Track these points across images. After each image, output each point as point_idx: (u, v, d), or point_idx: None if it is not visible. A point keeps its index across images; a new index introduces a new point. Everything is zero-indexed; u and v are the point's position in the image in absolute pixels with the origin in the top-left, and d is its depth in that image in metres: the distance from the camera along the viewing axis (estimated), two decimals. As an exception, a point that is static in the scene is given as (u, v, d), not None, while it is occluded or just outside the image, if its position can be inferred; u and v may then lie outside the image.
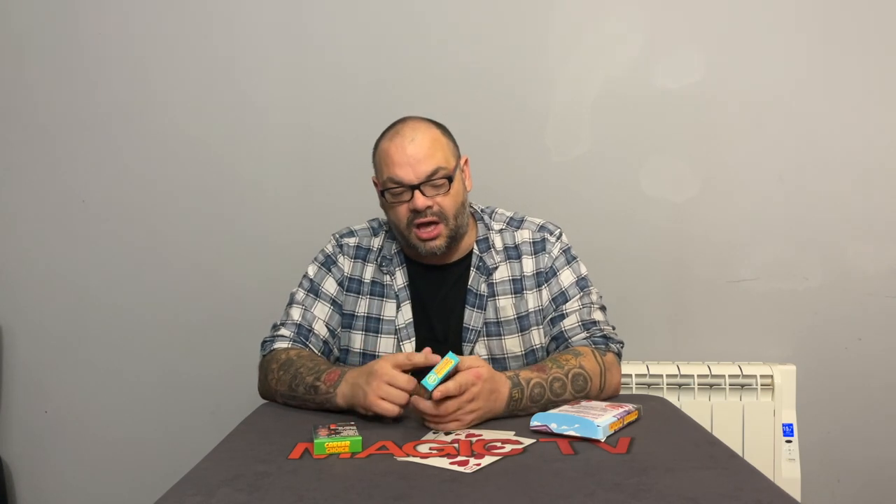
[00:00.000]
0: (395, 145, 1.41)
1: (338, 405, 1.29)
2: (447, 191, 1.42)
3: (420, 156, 1.39)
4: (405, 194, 1.41)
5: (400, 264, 1.52)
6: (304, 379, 1.34)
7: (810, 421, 2.04)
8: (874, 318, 2.08)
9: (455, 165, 1.45)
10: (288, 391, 1.37)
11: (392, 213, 1.45)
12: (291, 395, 1.37)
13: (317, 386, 1.32)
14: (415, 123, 1.44)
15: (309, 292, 1.53)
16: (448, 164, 1.42)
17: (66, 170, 2.14)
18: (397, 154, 1.40)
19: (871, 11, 2.04)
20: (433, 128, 1.45)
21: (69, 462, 2.18)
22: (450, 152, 1.45)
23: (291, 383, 1.36)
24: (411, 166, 1.39)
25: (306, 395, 1.34)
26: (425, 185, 1.40)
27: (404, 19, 2.09)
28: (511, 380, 1.26)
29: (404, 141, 1.41)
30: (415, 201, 1.39)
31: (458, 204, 1.44)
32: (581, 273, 1.52)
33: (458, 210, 1.44)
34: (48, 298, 2.16)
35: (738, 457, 1.08)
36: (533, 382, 1.28)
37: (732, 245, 2.09)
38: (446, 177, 1.41)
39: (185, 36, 2.11)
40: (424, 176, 1.39)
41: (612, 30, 2.08)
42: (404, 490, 0.94)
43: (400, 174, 1.40)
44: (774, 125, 2.07)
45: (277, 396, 1.41)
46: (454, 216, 1.43)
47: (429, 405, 1.18)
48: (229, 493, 0.94)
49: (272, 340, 1.48)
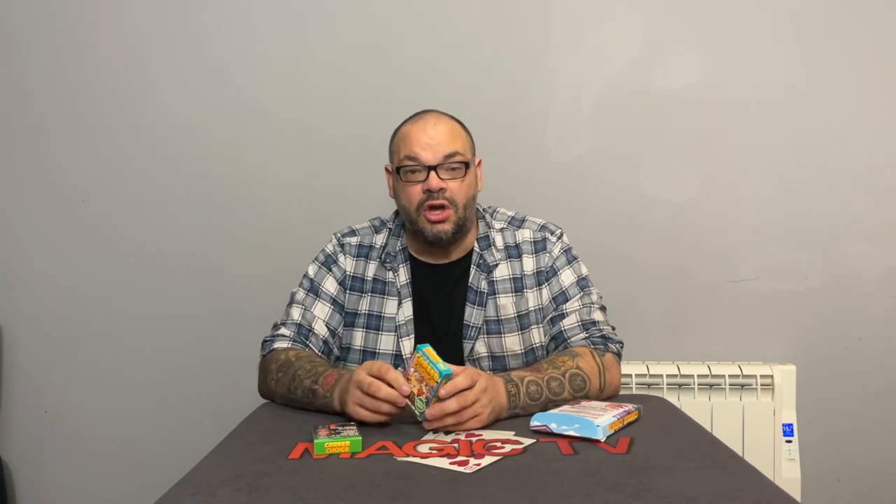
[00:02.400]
0: (417, 127, 1.46)
1: (336, 409, 1.29)
2: (462, 177, 1.44)
3: (441, 138, 1.44)
4: (420, 174, 1.43)
5: (403, 261, 1.52)
6: (301, 382, 1.34)
7: (810, 421, 2.04)
8: (874, 318, 2.07)
9: (471, 158, 1.49)
10: (286, 393, 1.37)
11: (404, 195, 1.46)
12: (290, 398, 1.37)
13: (314, 390, 1.32)
14: (438, 114, 1.50)
15: (309, 292, 1.53)
16: (466, 153, 1.47)
17: (66, 170, 2.14)
18: (419, 134, 1.44)
19: (871, 11, 2.04)
20: (455, 122, 1.51)
21: (69, 462, 2.18)
22: (468, 145, 1.50)
23: (290, 385, 1.36)
24: (431, 147, 1.43)
25: (304, 398, 1.34)
26: (442, 167, 1.43)
27: (404, 19, 2.09)
28: (503, 377, 1.28)
29: (427, 125, 1.46)
30: (429, 181, 1.42)
31: (469, 195, 1.47)
32: (582, 273, 1.52)
33: (468, 201, 1.47)
34: (48, 298, 2.16)
35: (737, 457, 1.08)
36: (527, 380, 1.29)
37: (732, 245, 2.09)
38: (463, 162, 1.44)
39: (185, 35, 2.11)
40: (442, 157, 1.43)
41: (612, 30, 2.08)
42: (404, 490, 0.94)
43: (419, 152, 1.43)
44: (774, 125, 2.07)
45: (276, 397, 1.41)
46: (464, 205, 1.45)
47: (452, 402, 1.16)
48: (229, 493, 0.94)
49: (272, 340, 1.48)
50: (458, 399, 1.17)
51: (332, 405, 1.29)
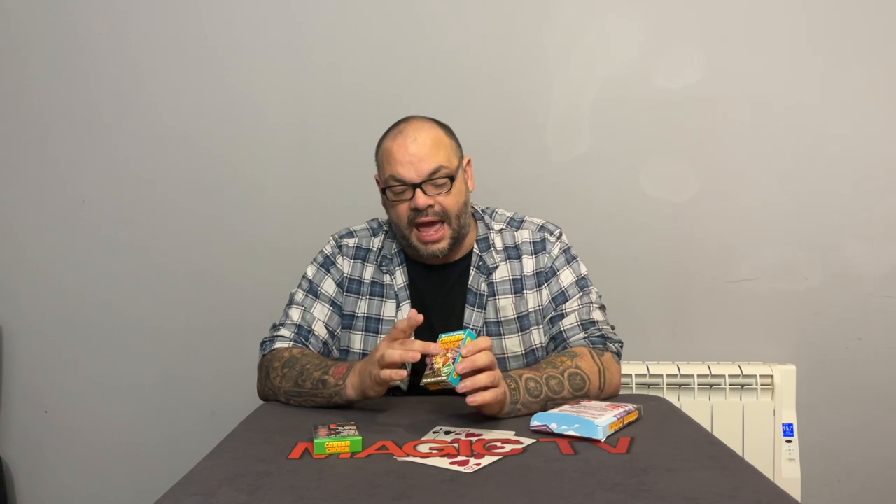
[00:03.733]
0: (397, 144, 1.42)
1: (347, 397, 1.30)
2: (449, 190, 1.42)
3: (422, 154, 1.40)
4: (406, 192, 1.41)
5: (400, 264, 1.52)
6: (311, 374, 1.34)
7: (810, 421, 2.04)
8: (874, 318, 2.08)
9: (457, 165, 1.45)
10: (293, 387, 1.37)
11: (393, 212, 1.45)
12: (297, 392, 1.36)
13: (325, 380, 1.32)
14: (418, 123, 1.45)
15: (308, 293, 1.53)
16: (450, 163, 1.43)
17: (66, 170, 2.14)
18: (399, 152, 1.40)
19: (871, 12, 2.04)
20: (436, 127, 1.46)
21: (69, 462, 2.18)
22: (452, 152, 1.45)
23: (297, 379, 1.36)
24: (413, 165, 1.39)
25: (314, 390, 1.34)
26: (427, 183, 1.40)
27: (404, 19, 2.09)
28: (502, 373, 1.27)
29: (407, 140, 1.41)
30: (416, 200, 1.39)
31: (460, 203, 1.44)
32: (581, 273, 1.52)
33: (461, 210, 1.45)
34: (48, 298, 2.16)
35: (738, 457, 1.08)
36: (525, 377, 1.28)
37: (732, 245, 2.09)
38: (448, 176, 1.41)
39: (184, 36, 2.11)
40: (426, 174, 1.39)
41: (612, 30, 2.08)
42: (404, 490, 0.94)
43: (402, 172, 1.40)
44: (774, 125, 2.07)
45: (280, 394, 1.40)
46: (456, 216, 1.44)
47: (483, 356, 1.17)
48: (229, 493, 0.94)
49: (272, 341, 1.48)
50: (488, 354, 1.18)
51: (344, 392, 1.30)
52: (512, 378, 1.27)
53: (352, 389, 1.30)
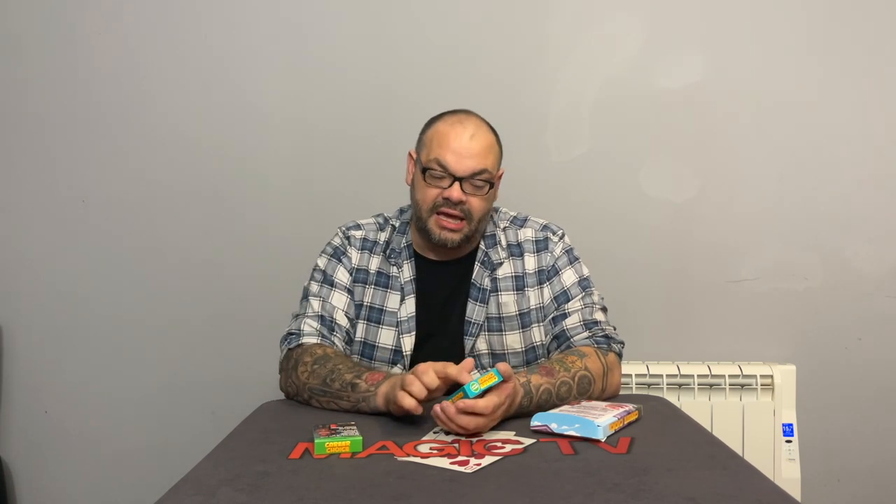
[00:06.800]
0: (455, 132, 1.42)
1: (375, 404, 1.28)
2: (484, 194, 1.43)
3: (475, 152, 1.41)
4: (444, 181, 1.42)
5: (408, 258, 1.52)
6: (342, 375, 1.33)
7: (810, 421, 2.04)
8: (874, 318, 2.08)
9: (497, 176, 1.48)
10: (320, 385, 1.35)
11: (420, 192, 1.45)
12: (322, 391, 1.35)
13: (356, 384, 1.31)
14: (478, 120, 1.47)
15: (323, 283, 1.51)
16: (494, 170, 1.45)
17: (66, 170, 2.14)
18: (455, 141, 1.41)
19: (870, 12, 2.04)
20: (492, 132, 1.48)
21: (69, 462, 2.18)
22: (498, 161, 1.48)
23: (327, 378, 1.34)
24: (463, 158, 1.40)
25: (341, 392, 1.32)
26: (467, 181, 1.41)
27: (404, 19, 2.09)
28: (524, 387, 1.26)
29: (466, 132, 1.42)
30: (451, 191, 1.40)
31: (485, 210, 1.47)
32: (583, 273, 1.52)
33: (484, 216, 1.47)
34: (48, 298, 2.16)
35: (738, 457, 1.08)
36: (542, 389, 1.28)
37: (732, 245, 2.09)
38: (488, 181, 1.43)
39: (185, 35, 2.11)
40: (471, 172, 1.41)
41: (612, 30, 2.08)
42: (404, 490, 0.94)
43: (450, 161, 1.40)
44: (774, 125, 2.07)
45: (304, 391, 1.38)
46: (478, 220, 1.45)
47: (453, 412, 1.14)
48: (229, 493, 0.94)
49: (298, 334, 1.45)
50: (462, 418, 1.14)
51: (373, 400, 1.28)
52: (529, 395, 1.26)
53: (381, 399, 1.27)
